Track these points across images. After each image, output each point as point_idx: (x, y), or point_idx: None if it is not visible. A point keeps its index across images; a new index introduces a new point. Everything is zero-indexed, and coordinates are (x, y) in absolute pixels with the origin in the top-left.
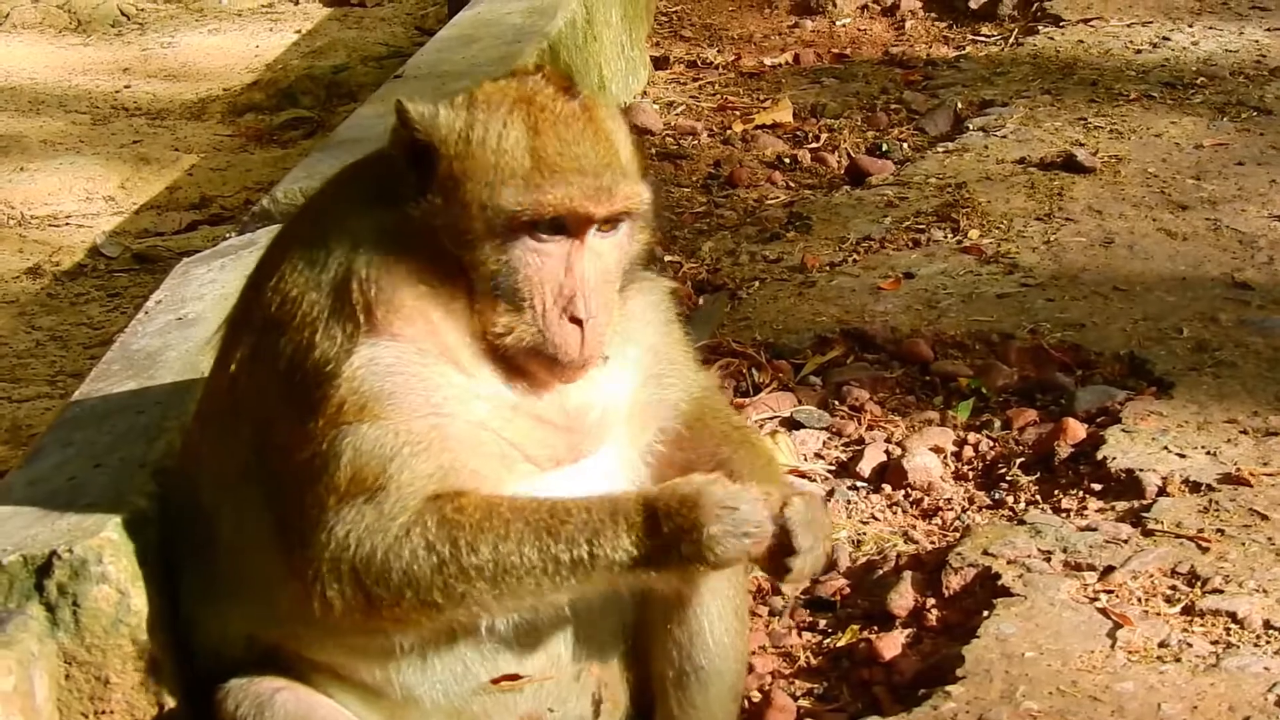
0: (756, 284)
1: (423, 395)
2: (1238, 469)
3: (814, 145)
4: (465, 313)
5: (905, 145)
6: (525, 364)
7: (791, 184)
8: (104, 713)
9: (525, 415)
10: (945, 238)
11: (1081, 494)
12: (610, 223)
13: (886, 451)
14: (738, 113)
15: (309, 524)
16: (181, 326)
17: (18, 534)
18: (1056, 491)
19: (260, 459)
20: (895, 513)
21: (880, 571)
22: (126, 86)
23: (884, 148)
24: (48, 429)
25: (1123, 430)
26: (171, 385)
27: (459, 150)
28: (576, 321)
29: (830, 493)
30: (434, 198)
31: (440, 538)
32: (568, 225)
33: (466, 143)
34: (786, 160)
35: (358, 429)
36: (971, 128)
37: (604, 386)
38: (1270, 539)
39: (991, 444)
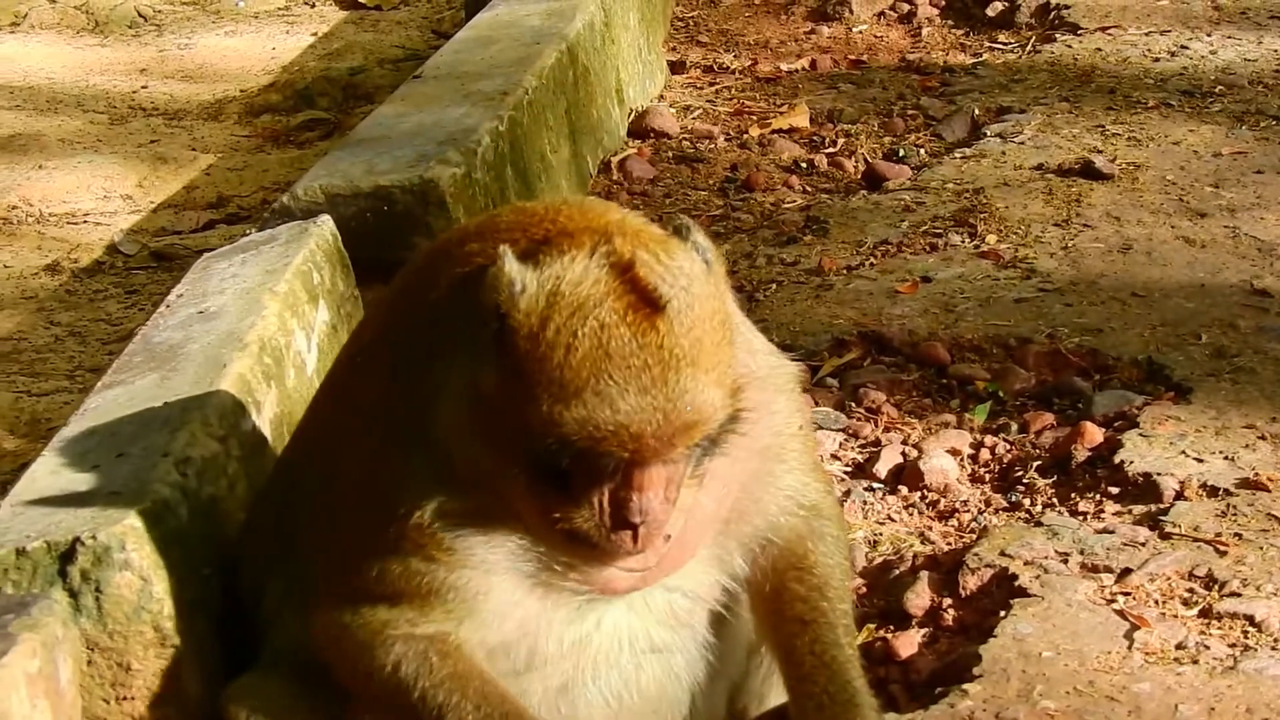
0: (773, 286)
1: (483, 547)
2: (1256, 474)
3: (831, 150)
4: None
5: (922, 151)
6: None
7: (808, 188)
8: (126, 699)
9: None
10: (963, 242)
11: (1099, 497)
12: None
13: (903, 453)
14: (754, 117)
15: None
16: (203, 320)
17: (41, 521)
18: (1073, 494)
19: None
20: (911, 514)
21: (896, 571)
22: (144, 87)
23: (901, 153)
24: (71, 419)
25: (1140, 435)
26: (194, 378)
27: (525, 351)
28: (630, 526)
29: (846, 493)
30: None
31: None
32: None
33: (531, 344)
34: (803, 165)
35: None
36: (989, 134)
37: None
38: None
39: (1008, 447)
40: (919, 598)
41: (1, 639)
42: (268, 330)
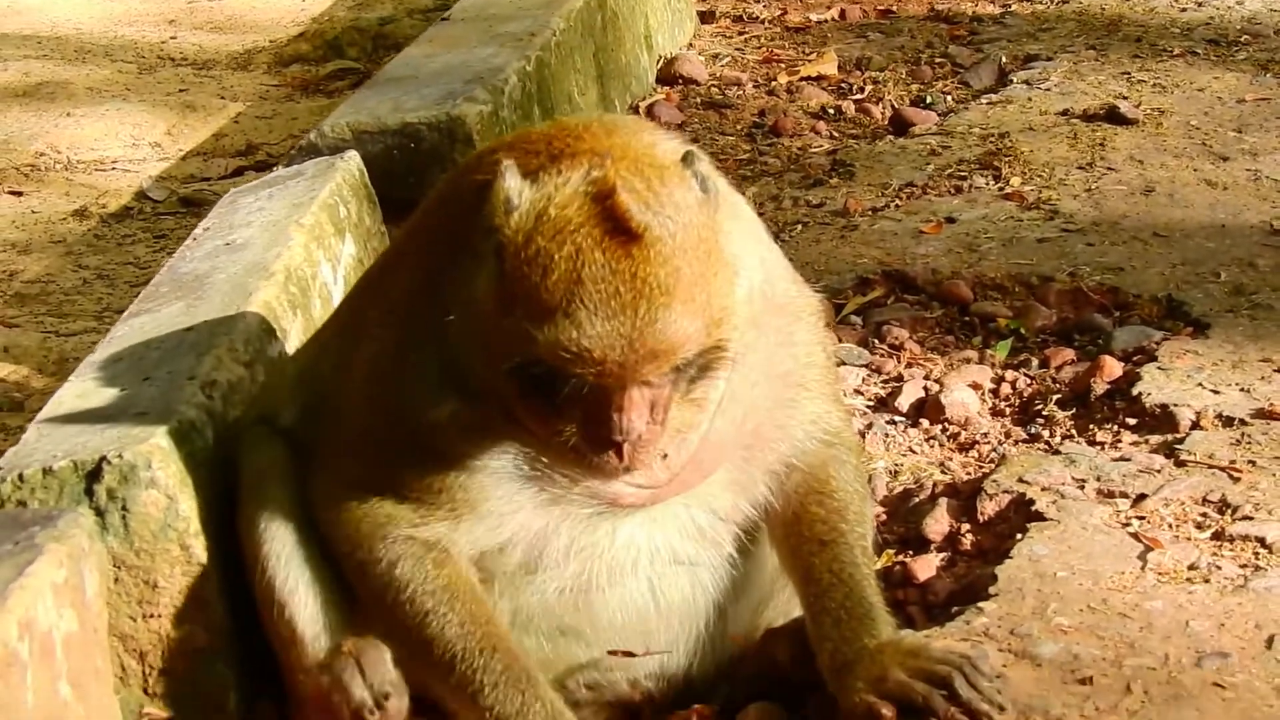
0: (799, 227)
1: (491, 451)
2: (1271, 405)
3: (858, 97)
4: None
5: (949, 98)
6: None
7: (835, 134)
8: (152, 616)
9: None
10: (987, 185)
11: (1116, 428)
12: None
13: (925, 388)
14: (782, 65)
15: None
16: (229, 251)
17: (68, 441)
18: (1091, 426)
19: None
20: (932, 446)
21: (916, 500)
22: (173, 38)
23: (928, 100)
24: (98, 346)
25: (1158, 368)
26: (220, 305)
27: (511, 267)
28: (613, 444)
29: (868, 427)
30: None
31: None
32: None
33: (517, 260)
34: (830, 111)
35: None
36: (1015, 81)
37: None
38: None
39: (1029, 382)
40: (938, 523)
41: (28, 549)
42: (294, 261)
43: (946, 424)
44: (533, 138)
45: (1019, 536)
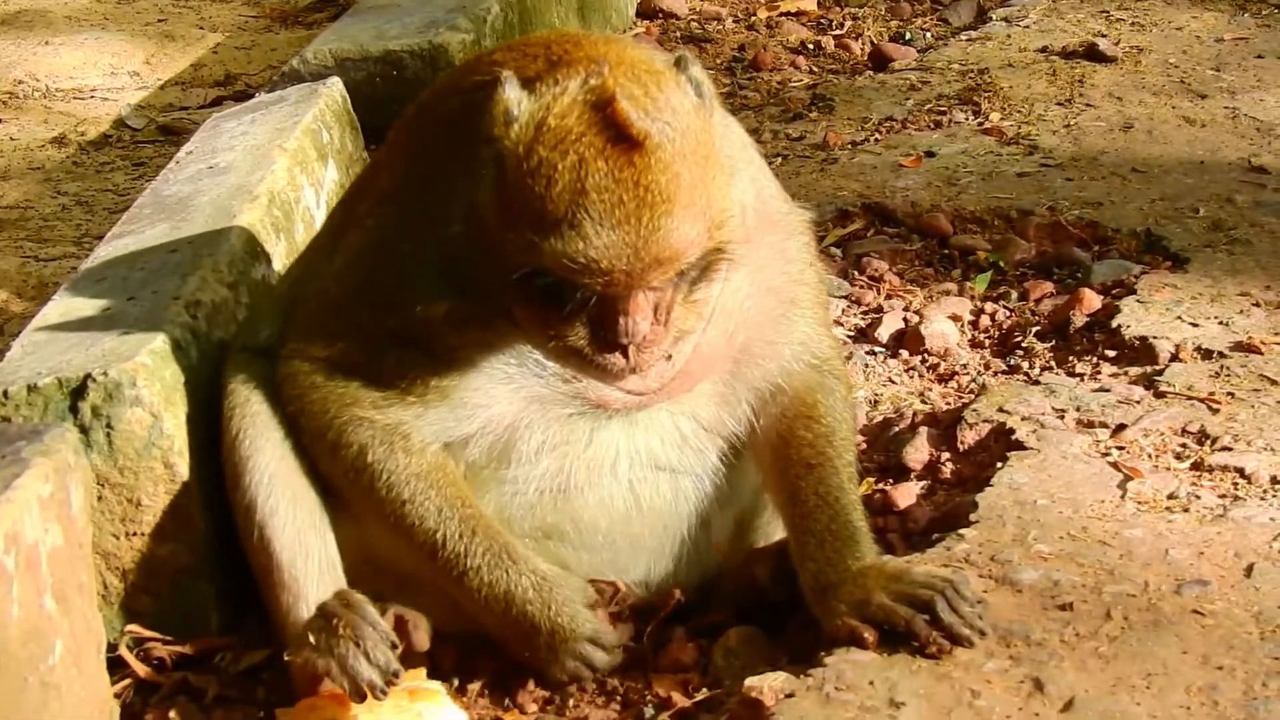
0: (779, 160)
1: (473, 345)
2: (1249, 338)
3: (838, 32)
4: None
5: (929, 34)
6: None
7: (815, 69)
8: (135, 534)
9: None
10: (966, 119)
11: (1096, 360)
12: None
13: (904, 319)
14: (762, 1)
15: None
16: (213, 174)
17: (53, 359)
18: (1071, 357)
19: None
20: (912, 376)
21: (896, 429)
22: None
23: (907, 36)
24: (81, 266)
25: (1137, 301)
26: (203, 227)
27: (514, 178)
28: (619, 346)
29: (849, 357)
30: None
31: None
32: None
33: (519, 172)
34: (810, 46)
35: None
36: (995, 18)
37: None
38: (1279, 402)
39: (1008, 314)
40: (918, 452)
41: (15, 464)
42: (277, 184)
43: (926, 355)
44: (532, 42)
45: (999, 465)
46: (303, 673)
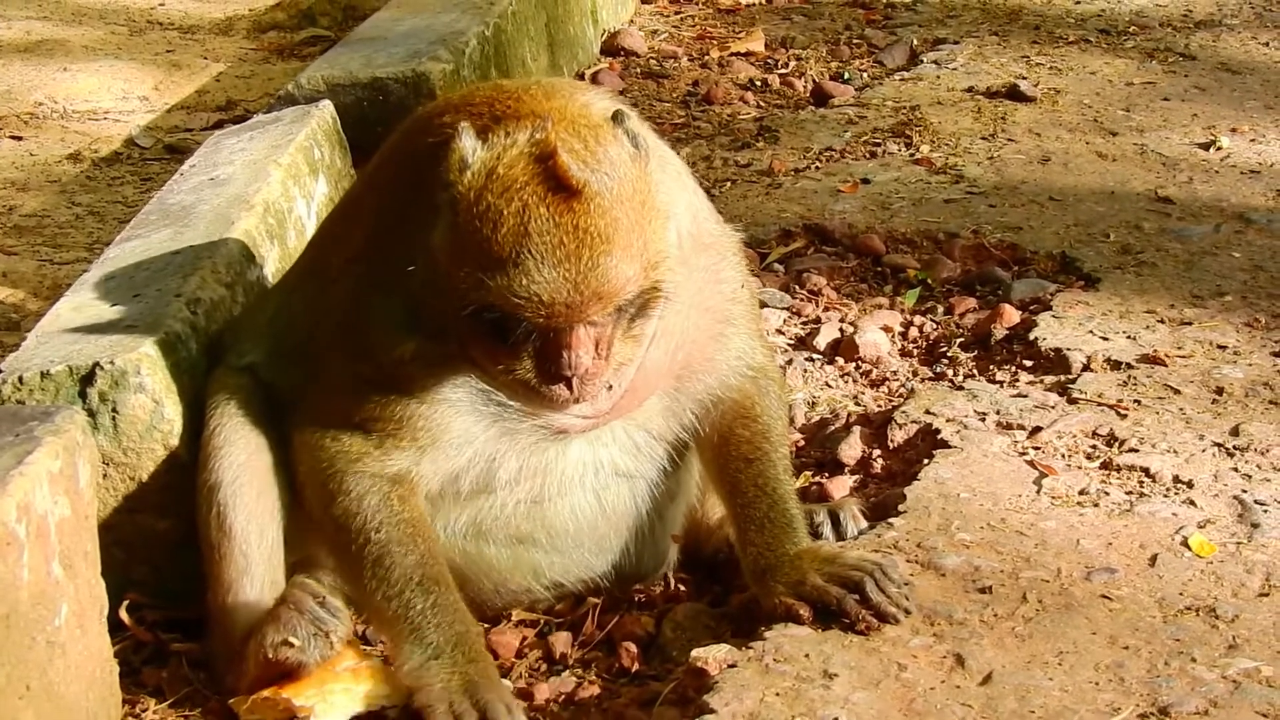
0: (728, 184)
1: (449, 387)
2: (1155, 351)
3: (783, 71)
4: None
5: (865, 74)
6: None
7: (762, 103)
8: (136, 510)
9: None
10: (899, 151)
11: (1014, 369)
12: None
13: (840, 329)
14: (715, 42)
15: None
16: (214, 185)
17: (64, 349)
18: (992, 366)
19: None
20: (847, 381)
21: (832, 428)
22: (161, 4)
23: (846, 76)
24: (91, 266)
25: (1053, 316)
26: (204, 232)
27: (465, 220)
28: (562, 378)
29: (789, 363)
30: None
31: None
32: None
33: (470, 215)
34: (758, 83)
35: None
36: (925, 61)
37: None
38: (1181, 409)
39: (935, 326)
40: (851, 449)
41: (27, 441)
42: (272, 195)
43: (860, 362)
44: (476, 100)
45: (925, 462)
46: (255, 652)
